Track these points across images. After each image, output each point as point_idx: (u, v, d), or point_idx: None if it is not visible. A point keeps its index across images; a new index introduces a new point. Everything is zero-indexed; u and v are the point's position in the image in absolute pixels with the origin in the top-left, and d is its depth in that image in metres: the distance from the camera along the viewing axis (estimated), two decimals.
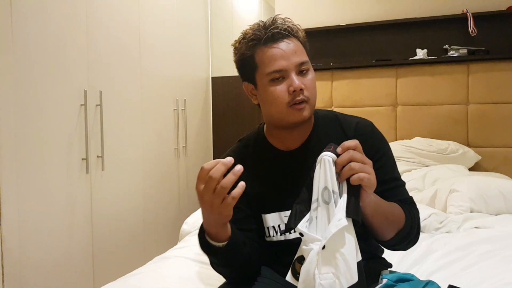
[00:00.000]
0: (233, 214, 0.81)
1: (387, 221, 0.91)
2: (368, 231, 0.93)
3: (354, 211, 0.81)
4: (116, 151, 2.19)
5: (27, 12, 1.68)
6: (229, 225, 0.87)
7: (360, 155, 0.82)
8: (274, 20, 0.96)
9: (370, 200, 0.84)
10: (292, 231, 0.92)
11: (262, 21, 0.97)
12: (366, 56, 2.95)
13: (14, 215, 1.61)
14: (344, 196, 0.82)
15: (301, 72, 0.95)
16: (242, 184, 0.77)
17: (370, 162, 0.83)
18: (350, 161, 0.80)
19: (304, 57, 0.96)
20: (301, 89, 0.93)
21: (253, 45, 0.96)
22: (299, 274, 0.82)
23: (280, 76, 0.94)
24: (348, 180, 0.82)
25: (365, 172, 0.80)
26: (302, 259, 0.83)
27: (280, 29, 0.94)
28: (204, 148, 3.24)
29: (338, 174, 0.83)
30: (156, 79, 2.57)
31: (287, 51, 0.94)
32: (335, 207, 0.81)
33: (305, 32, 1.01)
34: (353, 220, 0.81)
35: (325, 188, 0.82)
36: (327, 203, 0.82)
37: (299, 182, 0.90)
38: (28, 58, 1.68)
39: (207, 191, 0.76)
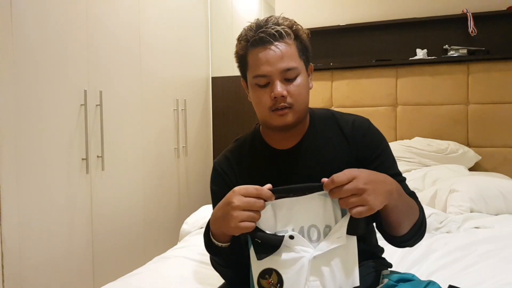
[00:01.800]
0: None
1: (405, 214, 0.90)
2: (384, 226, 0.93)
3: (354, 229, 0.80)
4: (116, 151, 2.19)
5: (27, 12, 1.68)
6: None
7: (353, 186, 0.77)
8: (266, 21, 0.95)
9: (388, 197, 0.82)
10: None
11: (258, 20, 0.97)
12: (366, 56, 2.95)
13: (14, 215, 1.61)
14: (348, 215, 0.80)
15: (287, 78, 0.94)
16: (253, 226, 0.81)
17: (365, 188, 0.78)
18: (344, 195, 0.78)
19: (292, 63, 0.93)
20: (282, 96, 0.92)
21: (245, 45, 0.97)
22: None
23: (266, 81, 0.94)
24: None
25: (362, 204, 0.77)
26: (265, 274, 0.81)
27: (268, 34, 0.92)
28: (204, 148, 3.24)
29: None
30: (156, 79, 2.57)
31: (272, 57, 0.92)
32: (322, 242, 0.81)
33: None
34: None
35: (312, 225, 0.82)
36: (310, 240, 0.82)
37: (295, 180, 0.90)
38: (28, 58, 1.68)
39: (243, 206, 0.80)
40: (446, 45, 2.74)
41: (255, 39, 0.94)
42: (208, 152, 3.31)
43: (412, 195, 1.00)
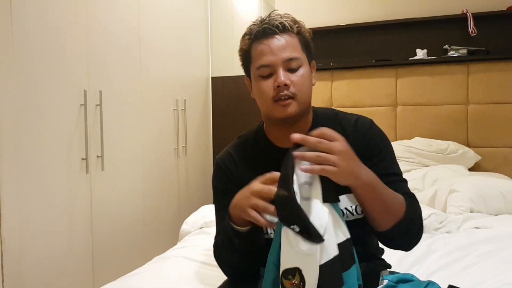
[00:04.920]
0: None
1: (385, 209, 0.89)
2: (367, 220, 0.93)
3: (331, 197, 0.82)
4: (116, 151, 2.19)
5: (27, 12, 1.68)
6: None
7: (326, 144, 0.82)
8: (269, 15, 0.98)
9: (353, 180, 0.84)
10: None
11: (261, 17, 1.00)
12: (366, 56, 2.96)
13: (14, 215, 1.61)
14: (317, 183, 0.82)
15: (290, 68, 0.95)
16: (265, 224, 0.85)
17: (340, 152, 0.81)
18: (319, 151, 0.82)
19: (295, 53, 0.95)
20: (285, 85, 0.93)
21: (249, 40, 0.99)
22: None
23: (269, 71, 0.96)
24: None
25: (330, 164, 0.80)
26: (288, 274, 0.77)
27: (272, 25, 0.96)
28: (204, 148, 3.24)
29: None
30: (156, 79, 2.57)
31: (276, 47, 0.95)
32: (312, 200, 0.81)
33: None
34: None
35: (306, 182, 0.83)
36: (307, 199, 0.81)
37: None
38: (28, 58, 1.68)
39: (258, 194, 0.85)
40: (446, 45, 2.75)
41: (258, 31, 0.97)
42: (208, 152, 3.31)
43: (410, 196, 0.99)
